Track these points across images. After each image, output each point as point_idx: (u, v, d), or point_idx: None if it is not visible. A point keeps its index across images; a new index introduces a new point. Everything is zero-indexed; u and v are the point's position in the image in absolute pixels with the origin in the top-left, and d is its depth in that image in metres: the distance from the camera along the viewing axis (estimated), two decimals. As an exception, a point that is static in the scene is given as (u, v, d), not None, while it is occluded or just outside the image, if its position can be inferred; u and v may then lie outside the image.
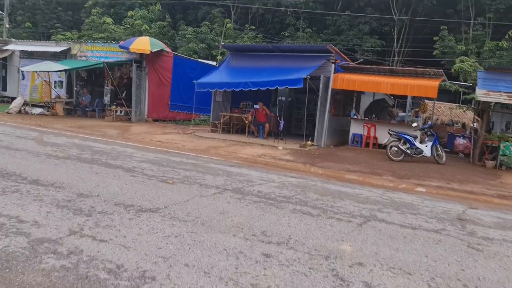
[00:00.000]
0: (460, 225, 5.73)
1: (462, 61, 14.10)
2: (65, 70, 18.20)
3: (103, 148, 10.18)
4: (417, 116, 19.67)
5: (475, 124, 20.18)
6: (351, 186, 8.18)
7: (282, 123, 14.08)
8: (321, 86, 13.85)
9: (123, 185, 6.32)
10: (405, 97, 20.90)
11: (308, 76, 13.05)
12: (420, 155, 12.10)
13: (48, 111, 18.74)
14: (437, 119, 18.91)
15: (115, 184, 6.31)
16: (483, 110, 13.41)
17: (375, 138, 14.55)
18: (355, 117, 15.09)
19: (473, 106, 15.34)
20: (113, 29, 33.24)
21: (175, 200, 5.69)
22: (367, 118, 15.09)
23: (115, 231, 4.32)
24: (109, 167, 7.68)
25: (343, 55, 15.40)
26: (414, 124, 13.12)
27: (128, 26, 33.97)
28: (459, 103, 20.65)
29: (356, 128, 14.92)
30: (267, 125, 14.83)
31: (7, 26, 25.54)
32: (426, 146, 12.16)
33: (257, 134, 15.11)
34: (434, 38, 28.49)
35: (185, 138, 13.94)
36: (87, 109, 18.93)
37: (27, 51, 21.23)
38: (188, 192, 6.26)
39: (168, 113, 19.91)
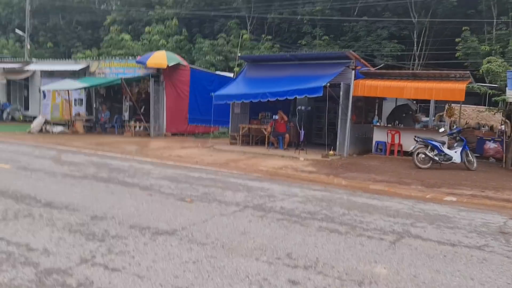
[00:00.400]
0: (504, 240, 5.23)
1: (489, 62, 13.46)
2: (84, 88, 18.30)
3: (121, 165, 10.00)
4: (441, 121, 18.99)
5: (502, 126, 19.30)
6: (379, 197, 7.73)
7: (302, 133, 13.72)
8: (341, 93, 13.46)
9: (139, 205, 6.05)
10: (428, 101, 20.27)
11: (328, 84, 12.69)
12: (449, 162, 11.53)
13: (68, 129, 18.85)
14: (467, 123, 18.14)
15: (131, 204, 6.05)
16: (514, 112, 12.74)
17: (400, 145, 14.01)
18: (378, 124, 14.59)
19: (502, 108, 14.66)
20: (131, 45, 33.61)
21: (193, 220, 5.38)
22: (390, 125, 14.57)
23: (128, 257, 4.03)
24: (125, 185, 7.44)
25: (363, 61, 14.98)
26: (441, 130, 12.55)
27: (146, 41, 34.30)
28: (485, 105, 19.88)
29: (379, 136, 14.40)
30: (287, 135, 14.47)
31: (28, 47, 26.10)
32: (455, 152, 11.59)
33: (277, 145, 14.76)
34: (456, 40, 27.72)
35: (204, 152, 13.70)
36: (106, 125, 18.96)
37: (47, 70, 21.51)
38: (207, 210, 5.94)
39: (187, 126, 19.77)
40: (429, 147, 11.54)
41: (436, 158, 11.44)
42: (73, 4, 44.85)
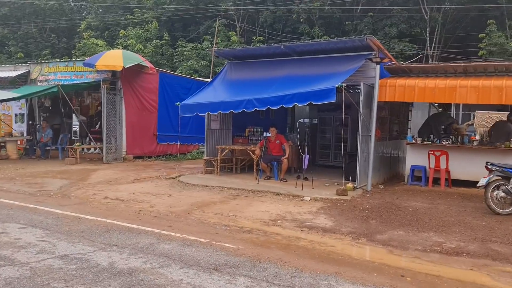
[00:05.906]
0: None
1: None
2: (12, 99, 13.93)
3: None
4: (469, 131, 14.83)
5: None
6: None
7: (306, 157, 9.32)
8: (361, 98, 9.12)
9: None
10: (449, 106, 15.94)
11: (344, 85, 8.37)
12: (545, 203, 7.20)
13: (-1, 153, 14.49)
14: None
15: None
16: None
17: (448, 171, 9.69)
18: (413, 141, 10.27)
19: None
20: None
21: None
22: (429, 142, 10.26)
23: None
24: None
25: (386, 52, 10.64)
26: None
27: (121, 47, 30.08)
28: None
29: (416, 158, 10.08)
30: (285, 160, 10.10)
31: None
32: (553, 187, 7.26)
33: (270, 174, 10.40)
34: (480, 35, 23.64)
35: (162, 188, 9.32)
36: (47, 148, 14.52)
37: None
38: None
39: (156, 146, 15.40)
40: (512, 180, 7.22)
41: (526, 198, 7.12)
42: (45, 11, 40.61)
